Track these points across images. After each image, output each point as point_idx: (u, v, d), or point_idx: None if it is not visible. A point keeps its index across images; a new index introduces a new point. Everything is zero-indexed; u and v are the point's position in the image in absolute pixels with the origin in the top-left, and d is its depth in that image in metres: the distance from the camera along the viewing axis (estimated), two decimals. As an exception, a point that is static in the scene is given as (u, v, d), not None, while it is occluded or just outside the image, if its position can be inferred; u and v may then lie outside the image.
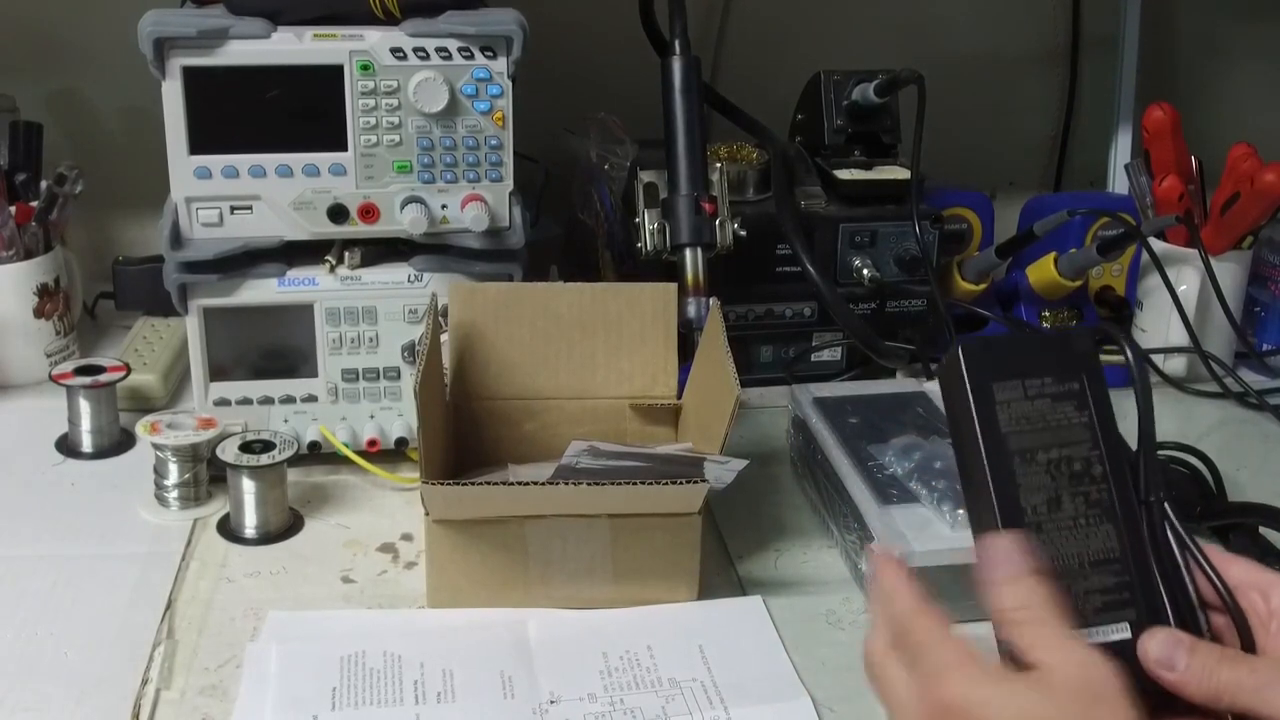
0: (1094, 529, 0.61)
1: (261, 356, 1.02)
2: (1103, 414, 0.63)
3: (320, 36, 0.95)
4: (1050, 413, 0.62)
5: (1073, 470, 0.61)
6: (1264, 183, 1.16)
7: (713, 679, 0.80)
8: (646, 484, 0.81)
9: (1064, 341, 0.63)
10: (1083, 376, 0.63)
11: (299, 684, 0.78)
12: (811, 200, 1.22)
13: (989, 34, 1.52)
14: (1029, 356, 0.63)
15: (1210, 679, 0.56)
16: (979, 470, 0.61)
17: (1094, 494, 0.61)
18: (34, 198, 1.19)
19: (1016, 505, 0.60)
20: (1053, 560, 0.60)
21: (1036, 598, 0.57)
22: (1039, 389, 0.62)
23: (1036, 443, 0.61)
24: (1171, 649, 0.57)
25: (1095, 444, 0.62)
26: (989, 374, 0.62)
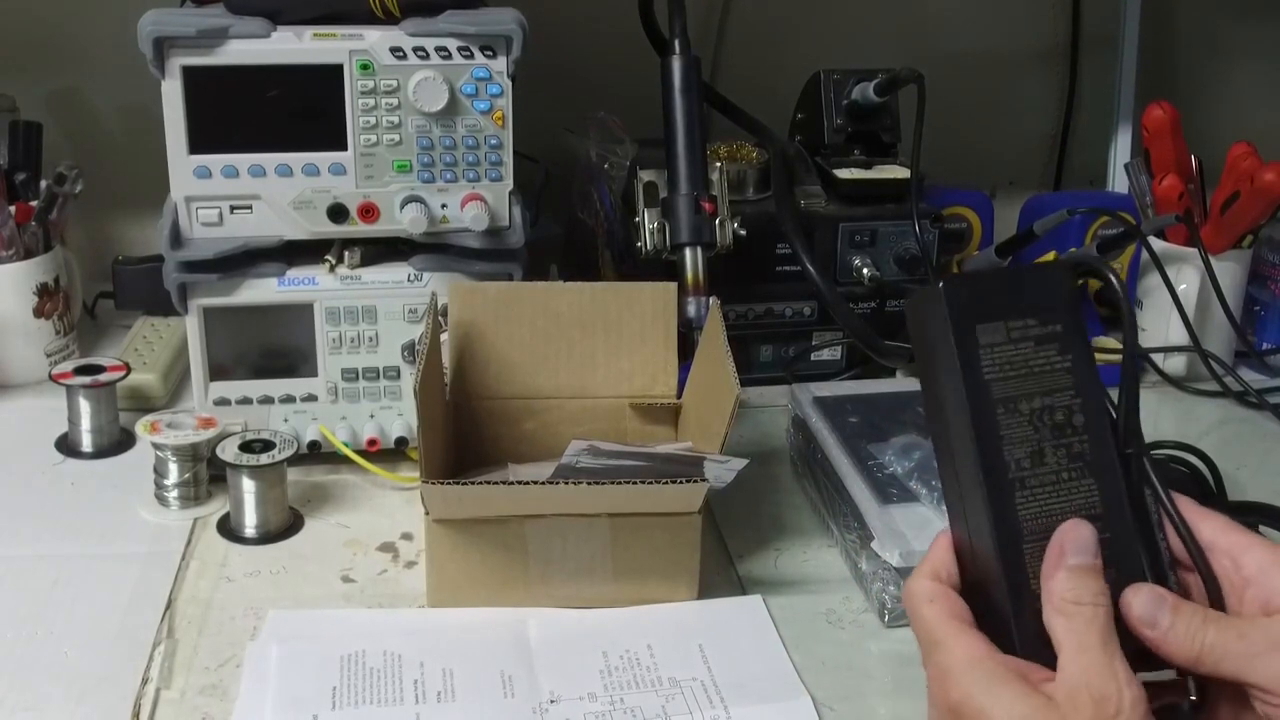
0: (1077, 484, 0.58)
1: (261, 356, 1.02)
2: (1083, 359, 0.59)
3: (320, 36, 0.95)
4: (1033, 357, 0.58)
5: (1055, 420, 0.58)
6: (1264, 182, 1.16)
7: (713, 678, 0.80)
8: (646, 483, 0.81)
9: (1045, 277, 0.59)
10: (1065, 317, 0.58)
11: (299, 683, 0.78)
12: (811, 199, 1.22)
13: (989, 33, 1.52)
14: (1011, 294, 0.58)
15: (1193, 641, 0.55)
16: (960, 421, 0.58)
17: (1075, 446, 0.58)
18: (34, 197, 1.19)
19: (1000, 459, 0.57)
20: (1036, 518, 0.57)
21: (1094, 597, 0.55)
22: (1022, 330, 0.58)
23: (1019, 390, 0.58)
24: (1155, 607, 0.56)
25: (1077, 392, 0.58)
26: (972, 314, 0.58)
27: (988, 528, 0.57)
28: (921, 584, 0.59)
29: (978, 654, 0.56)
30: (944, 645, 0.57)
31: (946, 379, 0.58)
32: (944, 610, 0.58)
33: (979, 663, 0.56)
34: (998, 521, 0.57)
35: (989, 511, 0.57)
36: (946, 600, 0.58)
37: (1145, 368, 1.28)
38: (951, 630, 0.57)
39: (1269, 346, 1.31)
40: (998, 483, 0.57)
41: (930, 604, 0.58)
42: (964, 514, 0.59)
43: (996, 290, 0.58)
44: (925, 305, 0.59)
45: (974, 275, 0.61)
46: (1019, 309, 0.58)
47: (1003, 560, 0.57)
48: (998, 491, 0.57)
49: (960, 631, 0.57)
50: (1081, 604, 0.55)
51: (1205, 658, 0.55)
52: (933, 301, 0.58)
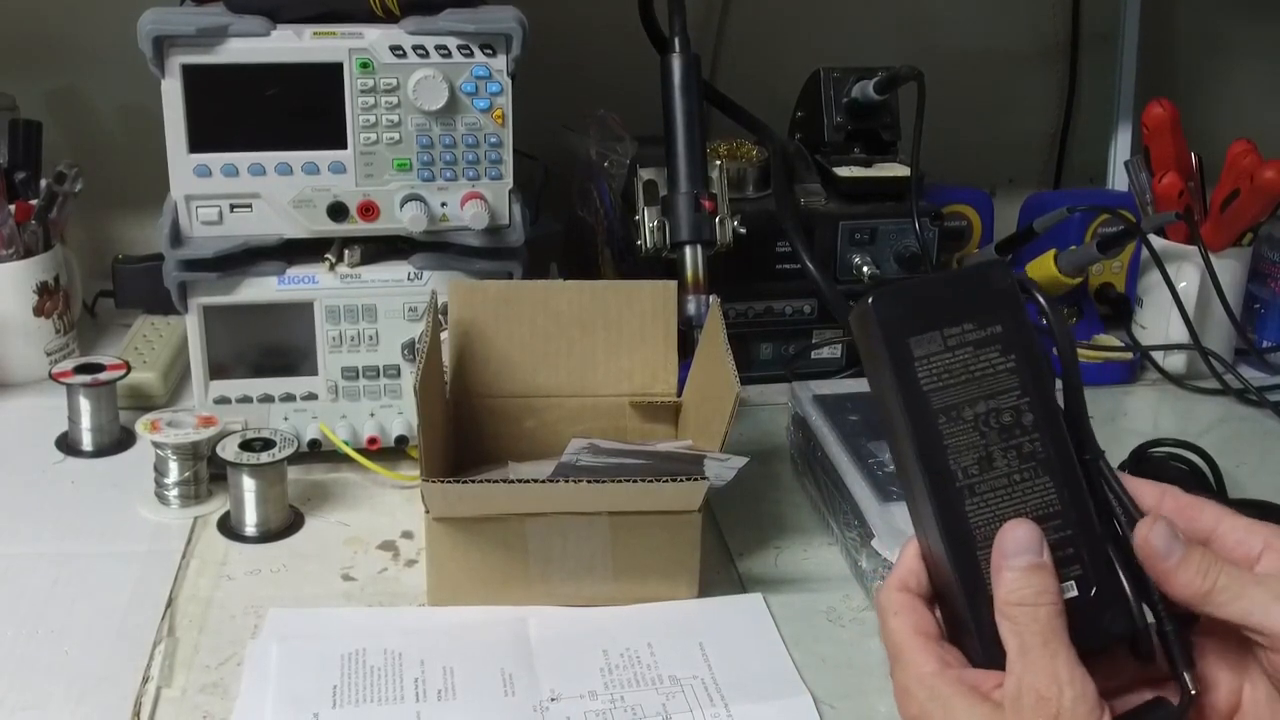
0: (1030, 484, 0.57)
1: (261, 354, 1.02)
2: (1029, 356, 0.57)
3: (320, 34, 0.95)
4: (973, 362, 0.57)
5: (1002, 423, 0.57)
6: (1264, 179, 1.16)
7: (713, 676, 0.80)
8: (646, 482, 0.81)
9: (981, 279, 0.58)
10: (1005, 317, 0.57)
11: (299, 682, 0.78)
12: (811, 197, 1.22)
13: (989, 31, 1.52)
14: (946, 300, 0.57)
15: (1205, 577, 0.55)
16: (902, 434, 0.57)
17: (1026, 446, 0.57)
18: (34, 196, 1.19)
19: (946, 469, 0.56)
20: (990, 523, 0.56)
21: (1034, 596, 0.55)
22: (959, 337, 0.57)
23: (962, 397, 0.57)
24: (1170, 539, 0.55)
25: (1024, 391, 0.57)
26: (904, 327, 0.57)
27: (940, 538, 0.57)
28: (888, 596, 0.59)
29: (931, 669, 0.56)
30: (902, 660, 0.57)
31: (886, 394, 0.57)
32: (907, 624, 0.58)
33: (932, 677, 0.56)
34: (949, 531, 0.57)
35: (939, 522, 0.57)
36: (911, 613, 0.58)
37: (1145, 365, 1.28)
38: (911, 645, 0.57)
39: (1269, 344, 1.31)
40: (946, 492, 0.57)
41: (895, 617, 0.58)
42: (920, 525, 0.59)
43: (930, 299, 0.58)
44: (860, 322, 0.58)
45: (906, 286, 0.59)
46: (954, 315, 0.57)
47: (958, 570, 0.57)
48: (946, 501, 0.57)
49: (919, 647, 0.57)
50: (1022, 605, 0.55)
51: (1215, 596, 0.54)
52: (865, 318, 0.57)
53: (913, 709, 0.56)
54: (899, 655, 0.58)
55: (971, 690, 0.55)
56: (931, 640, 0.57)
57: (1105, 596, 0.57)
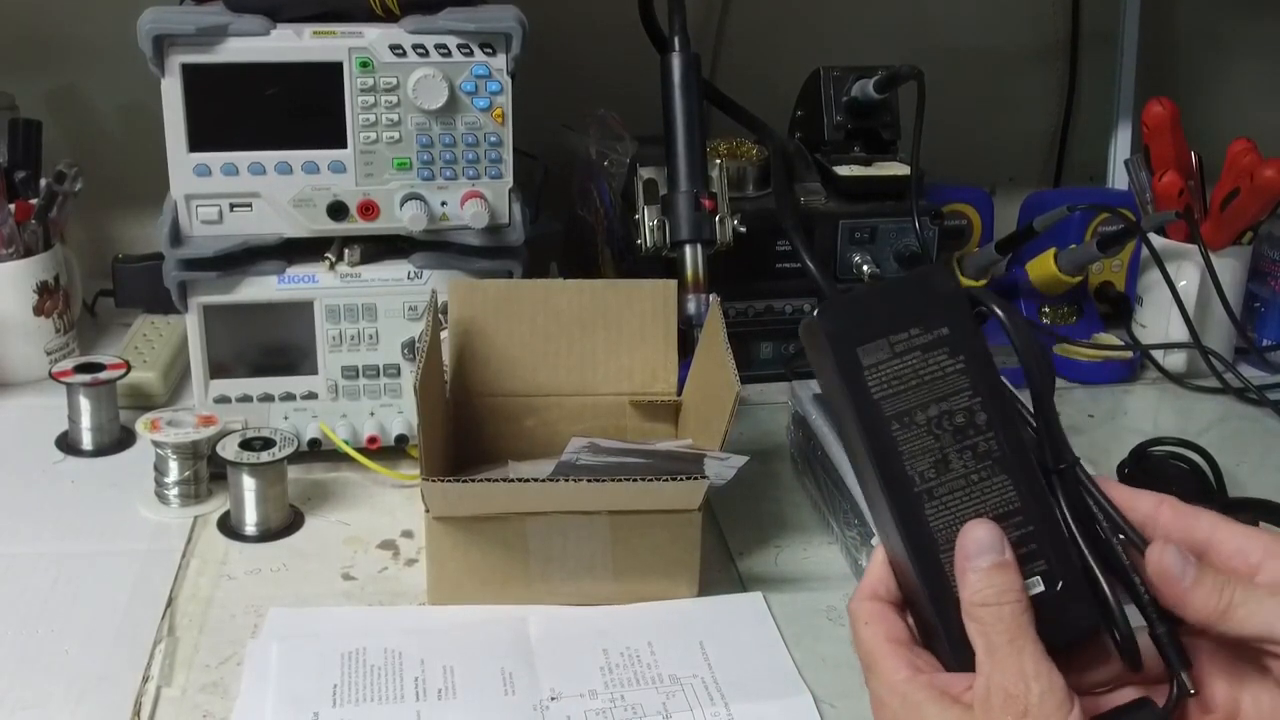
0: (988, 483, 0.57)
1: (261, 354, 1.02)
2: (977, 357, 0.58)
3: (319, 34, 0.95)
4: (922, 366, 0.57)
5: (955, 424, 0.57)
6: (1264, 178, 1.16)
7: (713, 675, 0.80)
8: (647, 481, 0.81)
9: (924, 284, 0.58)
10: (951, 319, 0.58)
11: (300, 681, 0.78)
12: (811, 196, 1.22)
13: (988, 29, 1.52)
14: (891, 308, 0.58)
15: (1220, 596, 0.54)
16: (857, 444, 0.57)
17: (981, 445, 0.57)
18: (33, 195, 1.19)
19: (903, 475, 0.57)
20: (951, 526, 0.56)
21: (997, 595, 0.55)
22: (906, 342, 0.57)
23: (913, 402, 0.57)
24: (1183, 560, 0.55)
25: (975, 391, 0.57)
26: (852, 337, 0.57)
27: (903, 544, 0.57)
28: (859, 605, 0.60)
29: (903, 676, 0.56)
30: (875, 669, 0.58)
31: (839, 404, 0.58)
32: (878, 633, 0.58)
33: (904, 684, 0.56)
34: (910, 537, 0.57)
35: (900, 529, 0.57)
36: (883, 621, 0.58)
37: (1145, 364, 1.28)
38: (882, 653, 0.57)
39: (1269, 343, 1.31)
40: (905, 498, 0.57)
41: (866, 626, 0.59)
42: (884, 533, 0.59)
43: (874, 307, 0.58)
44: (808, 334, 0.58)
45: (850, 296, 0.60)
46: (900, 321, 0.57)
47: (923, 575, 0.57)
48: (906, 507, 0.57)
49: (889, 654, 0.57)
50: (986, 604, 0.55)
51: (1233, 614, 0.54)
52: (812, 331, 0.58)
53: (886, 717, 0.57)
54: (871, 664, 0.58)
55: (942, 695, 0.55)
56: (903, 647, 0.58)
57: (1072, 590, 0.57)
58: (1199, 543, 0.58)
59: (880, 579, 0.60)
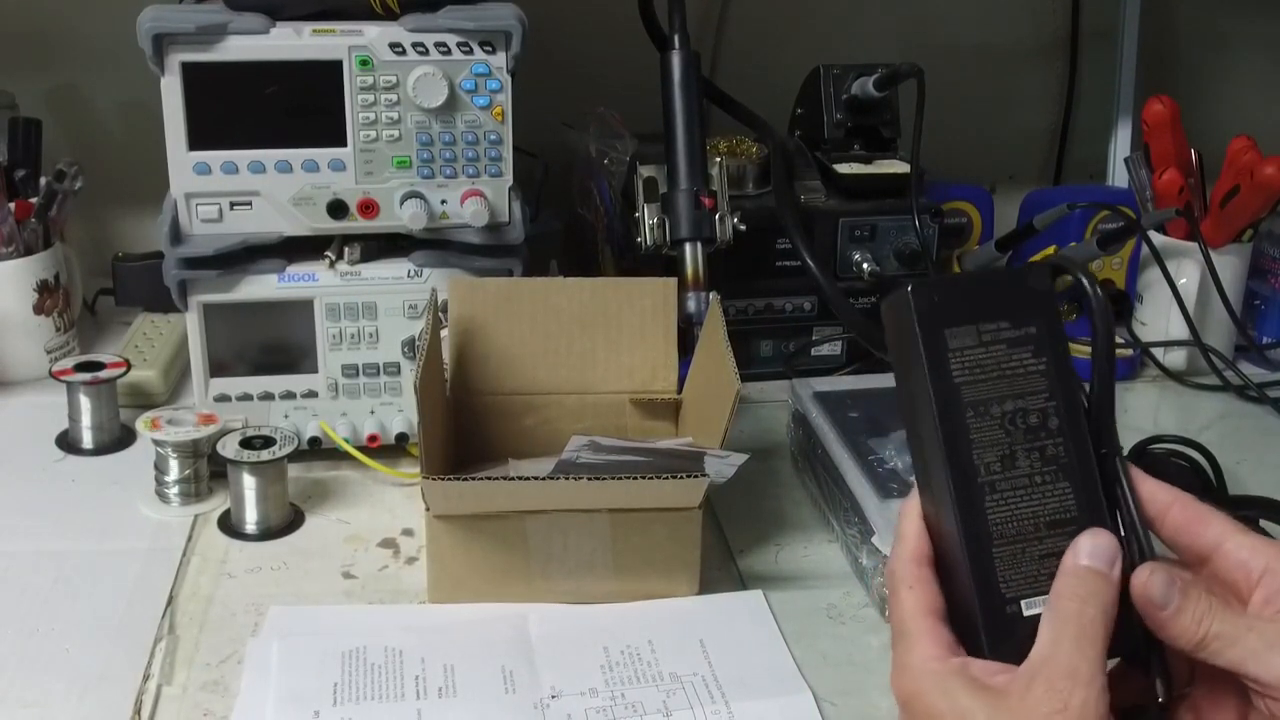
0: (1050, 487, 0.57)
1: (261, 352, 1.02)
2: (1060, 361, 0.58)
3: (319, 32, 0.95)
4: (1006, 360, 0.58)
5: (1028, 423, 0.58)
6: (1264, 176, 1.16)
7: (714, 673, 0.80)
8: (647, 479, 0.81)
9: (1021, 279, 0.59)
10: (1040, 319, 0.58)
11: (300, 679, 0.78)
12: (811, 194, 1.21)
13: (988, 27, 1.52)
14: (983, 297, 0.58)
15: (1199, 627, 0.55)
16: (928, 425, 0.57)
17: (1050, 449, 0.58)
18: (33, 194, 1.19)
19: (970, 463, 0.57)
20: (1007, 521, 0.57)
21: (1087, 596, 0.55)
22: (994, 334, 0.58)
23: (991, 393, 0.57)
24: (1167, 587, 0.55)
25: (1052, 394, 0.58)
26: (941, 318, 0.57)
27: (958, 534, 0.57)
28: (903, 567, 0.59)
29: (936, 653, 0.56)
30: (910, 638, 0.57)
31: (915, 382, 0.58)
32: (920, 601, 0.58)
33: (936, 662, 0.56)
34: (967, 526, 0.57)
35: (958, 515, 0.57)
36: (924, 590, 0.58)
37: (1145, 362, 1.28)
38: (920, 626, 0.57)
39: (1269, 340, 1.31)
40: (967, 487, 0.57)
41: (909, 590, 0.58)
42: (935, 513, 0.59)
43: (968, 293, 0.58)
44: (895, 308, 0.59)
45: (945, 279, 0.61)
46: (991, 312, 0.58)
47: (973, 565, 0.57)
48: (966, 496, 0.57)
49: (928, 630, 0.57)
50: (1074, 599, 0.55)
51: (1209, 644, 0.55)
52: (900, 305, 0.58)
53: (908, 687, 0.56)
54: (906, 632, 0.57)
55: (974, 680, 0.55)
56: (941, 623, 0.57)
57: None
58: (1205, 548, 0.58)
59: (922, 545, 0.59)
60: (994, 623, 0.56)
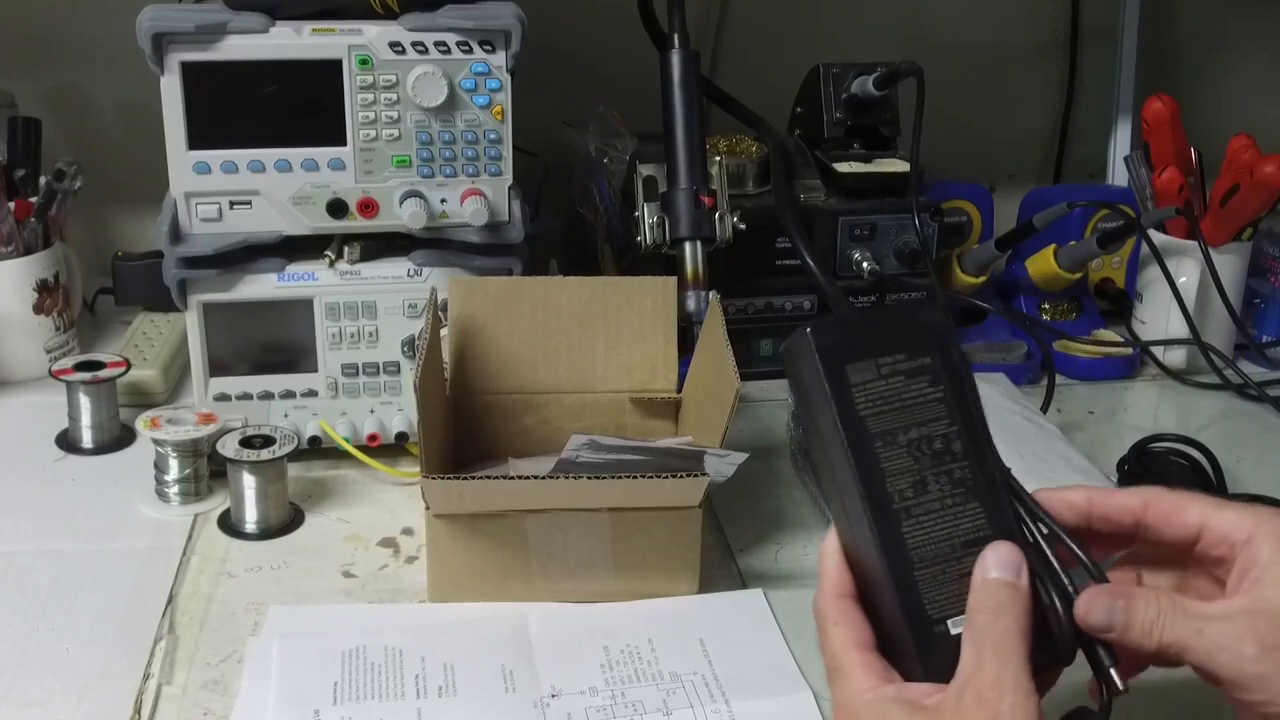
0: (961, 508, 0.59)
1: (261, 351, 1.02)
2: (958, 387, 0.61)
3: (319, 31, 0.95)
4: (905, 390, 0.60)
5: (934, 449, 0.60)
6: (1263, 174, 1.16)
7: (714, 672, 0.80)
8: (647, 478, 0.81)
9: (912, 315, 0.62)
10: (935, 350, 0.61)
11: (300, 678, 0.78)
12: (811, 193, 1.21)
13: (988, 26, 1.52)
14: (878, 333, 0.61)
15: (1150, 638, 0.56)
16: (840, 458, 0.59)
17: (956, 472, 0.60)
18: (33, 193, 1.19)
19: (884, 492, 0.59)
20: (925, 545, 0.59)
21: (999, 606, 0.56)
22: (892, 366, 0.60)
23: (895, 423, 0.59)
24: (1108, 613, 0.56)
25: (953, 419, 0.60)
26: (841, 355, 0.60)
27: (880, 562, 0.59)
28: (827, 603, 0.61)
29: (870, 684, 0.57)
30: (843, 674, 0.58)
31: (823, 419, 0.60)
32: (848, 636, 0.59)
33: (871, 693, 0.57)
34: (890, 554, 0.59)
35: (880, 546, 0.59)
36: (851, 623, 0.59)
37: (1145, 361, 1.28)
38: (851, 660, 0.58)
39: (1269, 339, 1.31)
40: (884, 515, 0.59)
41: (835, 626, 0.60)
42: (855, 546, 0.61)
43: (864, 330, 0.61)
44: (796, 350, 0.61)
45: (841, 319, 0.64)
46: (887, 346, 0.60)
47: (898, 590, 0.58)
48: (885, 524, 0.59)
49: (859, 662, 0.58)
50: (987, 611, 0.56)
51: (1168, 651, 0.56)
52: (802, 346, 0.60)
53: None
54: (839, 669, 0.59)
55: (909, 702, 0.56)
56: (871, 653, 0.59)
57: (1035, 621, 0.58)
58: (1190, 533, 0.59)
59: (843, 579, 0.61)
60: (924, 644, 0.58)
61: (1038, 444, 1.00)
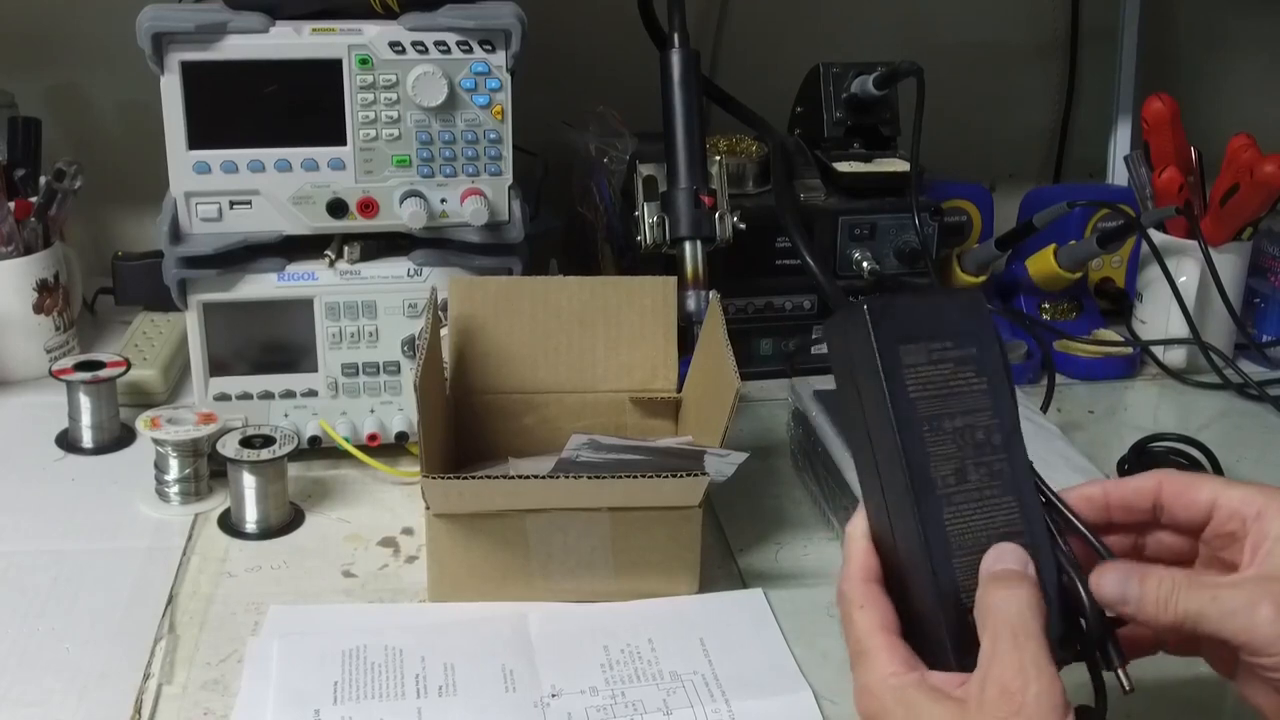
0: (997, 501, 0.60)
1: (261, 351, 1.02)
2: (997, 382, 0.61)
3: (319, 31, 0.95)
4: (953, 378, 0.60)
5: (975, 439, 0.60)
6: (1263, 174, 1.16)
7: (714, 672, 0.80)
8: (647, 477, 0.81)
9: (960, 302, 0.61)
10: (978, 342, 0.61)
11: (300, 678, 0.78)
12: (811, 193, 1.21)
13: (988, 26, 1.52)
14: (930, 317, 0.60)
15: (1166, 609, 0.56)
16: (888, 438, 0.59)
17: (995, 464, 0.60)
18: (33, 193, 1.19)
19: (928, 476, 0.58)
20: (963, 534, 0.59)
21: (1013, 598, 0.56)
22: (941, 352, 0.60)
23: (942, 409, 0.59)
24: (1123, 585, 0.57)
25: (994, 413, 0.60)
26: (895, 334, 0.59)
27: (921, 546, 0.58)
28: (852, 587, 0.60)
29: (894, 670, 0.57)
30: (867, 659, 0.58)
31: (873, 397, 0.59)
32: (873, 619, 0.59)
33: (895, 679, 0.57)
34: (932, 539, 0.58)
35: (921, 530, 0.58)
36: (876, 607, 0.59)
37: (1145, 360, 1.28)
38: (876, 644, 0.58)
39: (1269, 339, 1.31)
40: (929, 499, 0.59)
41: (860, 610, 0.59)
42: (890, 528, 0.60)
43: (917, 312, 0.60)
44: (848, 325, 0.60)
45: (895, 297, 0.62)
46: (939, 331, 0.60)
47: (937, 576, 0.58)
48: (930, 508, 0.59)
49: (884, 646, 0.58)
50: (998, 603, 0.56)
51: (1184, 622, 0.56)
52: (855, 322, 0.59)
53: (873, 707, 0.57)
54: (864, 652, 0.58)
55: (935, 690, 0.56)
56: (896, 638, 0.58)
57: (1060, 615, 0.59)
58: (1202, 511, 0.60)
59: (870, 563, 0.60)
60: (958, 631, 0.58)
61: (1038, 443, 1.00)
